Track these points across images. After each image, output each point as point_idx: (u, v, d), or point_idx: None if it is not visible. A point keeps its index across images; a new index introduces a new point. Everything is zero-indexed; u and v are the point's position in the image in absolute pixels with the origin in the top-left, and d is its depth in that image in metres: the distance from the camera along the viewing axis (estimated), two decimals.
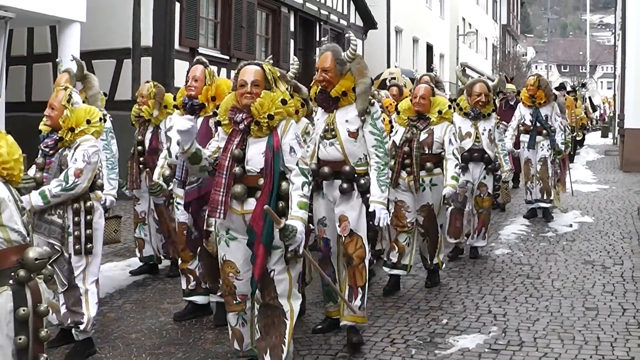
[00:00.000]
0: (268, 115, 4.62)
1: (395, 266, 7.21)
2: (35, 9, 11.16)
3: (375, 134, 5.56)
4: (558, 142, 10.98)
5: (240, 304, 4.90)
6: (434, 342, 5.80)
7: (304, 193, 4.61)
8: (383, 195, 5.52)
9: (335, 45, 5.75)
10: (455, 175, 7.03)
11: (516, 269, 8.15)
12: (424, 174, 7.12)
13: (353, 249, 5.58)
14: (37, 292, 3.37)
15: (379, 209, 5.48)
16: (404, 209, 7.16)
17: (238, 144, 4.68)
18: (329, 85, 5.56)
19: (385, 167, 5.56)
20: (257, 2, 18.00)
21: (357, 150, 5.60)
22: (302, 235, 4.51)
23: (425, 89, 7.21)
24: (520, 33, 72.10)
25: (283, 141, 4.65)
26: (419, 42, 33.54)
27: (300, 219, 4.53)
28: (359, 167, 5.60)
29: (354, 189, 5.59)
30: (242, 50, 17.05)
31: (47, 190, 5.19)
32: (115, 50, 14.54)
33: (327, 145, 5.63)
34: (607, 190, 14.81)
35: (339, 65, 5.53)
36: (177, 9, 14.84)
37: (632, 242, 9.43)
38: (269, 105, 4.63)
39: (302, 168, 4.66)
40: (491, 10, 51.40)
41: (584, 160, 22.16)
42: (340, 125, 5.58)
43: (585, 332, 5.96)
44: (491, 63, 49.89)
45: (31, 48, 15.48)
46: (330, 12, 22.45)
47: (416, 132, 7.14)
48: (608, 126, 35.56)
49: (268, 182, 4.56)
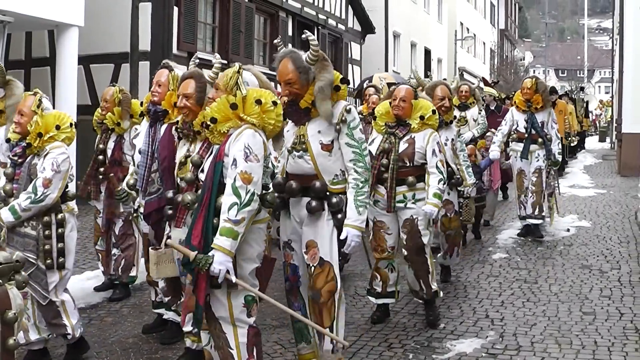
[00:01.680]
0: (211, 119, 4.20)
1: (381, 295, 6.50)
2: (34, 13, 11.15)
3: (353, 146, 4.76)
4: (555, 152, 10.03)
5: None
6: (432, 346, 5.80)
7: (229, 217, 3.94)
8: (360, 219, 4.73)
9: (292, 51, 4.84)
10: (438, 193, 6.16)
11: (514, 274, 8.15)
12: (405, 190, 6.23)
13: (322, 282, 4.76)
14: (5, 298, 3.27)
15: (352, 234, 4.70)
16: (384, 230, 6.34)
17: (203, 150, 4.54)
18: (297, 97, 4.76)
19: (365, 184, 4.77)
20: (255, 7, 18.04)
21: (332, 166, 4.80)
22: (223, 266, 3.92)
23: (407, 90, 6.33)
24: (518, 37, 72.23)
25: (230, 151, 4.09)
26: (417, 47, 33.59)
27: (218, 247, 3.92)
28: (336, 186, 4.81)
29: (324, 209, 4.79)
30: (240, 54, 17.06)
31: (17, 205, 4.99)
32: (113, 55, 14.56)
33: (296, 157, 4.85)
34: (604, 195, 14.82)
35: (302, 74, 4.70)
36: (175, 14, 14.87)
37: (630, 247, 9.43)
38: (216, 109, 4.20)
39: (235, 186, 3.98)
40: (489, 14, 51.47)
41: (582, 164, 22.20)
42: (311, 138, 4.78)
43: (582, 336, 5.96)
44: (489, 67, 49.95)
45: (29, 52, 15.50)
46: (328, 16, 22.48)
47: (395, 141, 6.29)
48: (605, 131, 35.64)
49: (206, 195, 4.09)
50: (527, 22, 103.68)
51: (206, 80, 5.06)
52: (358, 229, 4.72)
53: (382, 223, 6.33)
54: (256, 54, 18.40)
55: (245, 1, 17.58)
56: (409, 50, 32.64)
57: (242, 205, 3.97)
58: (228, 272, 3.95)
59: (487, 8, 50.85)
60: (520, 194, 10.25)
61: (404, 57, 31.47)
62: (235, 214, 3.95)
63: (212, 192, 4.06)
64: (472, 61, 44.75)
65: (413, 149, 6.22)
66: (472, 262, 8.74)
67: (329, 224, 4.78)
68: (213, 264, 3.91)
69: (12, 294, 3.27)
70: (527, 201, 10.09)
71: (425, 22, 35.08)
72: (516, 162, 10.24)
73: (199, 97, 5.03)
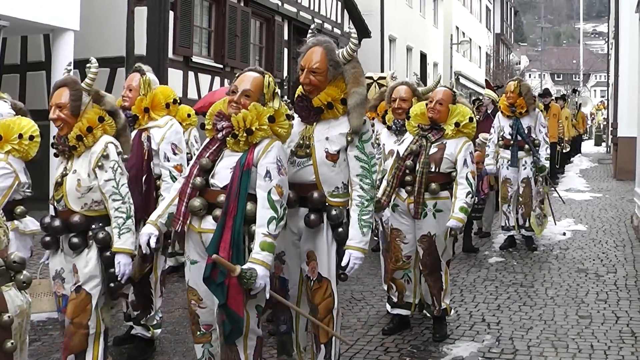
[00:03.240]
0: (246, 130, 4.02)
1: (396, 305, 6.22)
2: (29, 18, 11.14)
3: (363, 160, 4.44)
4: (542, 157, 9.48)
5: (205, 334, 4.30)
6: (428, 350, 5.79)
7: (269, 231, 3.90)
8: (364, 240, 4.43)
9: (328, 40, 4.55)
10: (464, 207, 5.72)
11: (510, 277, 8.15)
12: (428, 197, 5.83)
13: (320, 298, 4.54)
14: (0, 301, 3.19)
15: (354, 257, 4.41)
16: (400, 239, 5.99)
17: (212, 153, 4.18)
18: (315, 90, 4.46)
19: (370, 203, 4.44)
20: (252, 11, 18.04)
21: (334, 177, 4.48)
22: (264, 281, 3.88)
23: (445, 93, 6.00)
24: (514, 42, 72.35)
25: (260, 162, 4.00)
26: (413, 51, 33.61)
27: (261, 262, 3.86)
28: (334, 199, 4.50)
29: (323, 222, 4.50)
30: (236, 59, 17.06)
31: None
32: (109, 59, 14.51)
33: (297, 164, 4.52)
34: (600, 199, 14.84)
35: (331, 68, 4.44)
36: (171, 18, 14.86)
37: (626, 251, 9.44)
38: (251, 119, 4.03)
39: (272, 199, 3.93)
40: (485, 19, 51.54)
41: (578, 168, 22.24)
42: (317, 143, 4.47)
43: (578, 340, 5.96)
44: (485, 72, 50.00)
45: (25, 56, 15.47)
46: (324, 21, 22.49)
47: (425, 144, 5.92)
48: (601, 134, 35.68)
49: (232, 204, 3.95)
50: (523, 27, 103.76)
51: (82, 87, 4.56)
52: (361, 250, 4.43)
53: (398, 232, 6.00)
54: (252, 58, 18.38)
55: (241, 5, 17.59)
56: (405, 55, 32.68)
57: (279, 219, 3.95)
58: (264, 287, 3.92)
59: (483, 12, 50.93)
60: (504, 203, 9.71)
61: (400, 61, 31.49)
62: (275, 228, 3.93)
63: (240, 201, 3.95)
64: (468, 65, 44.79)
65: (442, 155, 5.87)
66: (468, 266, 8.74)
67: (329, 238, 4.52)
68: (257, 279, 3.84)
69: (8, 296, 3.23)
70: (511, 212, 9.63)
71: (421, 27, 35.11)
72: (502, 170, 9.66)
73: (74, 107, 4.51)
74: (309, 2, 21.63)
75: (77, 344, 4.41)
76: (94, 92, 4.63)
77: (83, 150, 4.49)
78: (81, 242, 4.46)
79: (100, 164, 4.43)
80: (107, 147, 4.48)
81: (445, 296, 6.05)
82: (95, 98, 4.63)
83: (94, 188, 4.45)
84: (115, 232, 4.43)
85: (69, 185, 4.46)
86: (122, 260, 4.41)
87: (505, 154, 9.61)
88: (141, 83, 5.74)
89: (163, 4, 14.60)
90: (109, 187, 4.43)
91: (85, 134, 4.44)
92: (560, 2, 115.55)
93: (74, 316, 4.39)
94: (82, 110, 4.53)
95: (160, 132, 5.63)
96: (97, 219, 4.50)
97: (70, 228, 4.47)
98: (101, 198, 4.47)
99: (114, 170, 4.45)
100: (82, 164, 4.48)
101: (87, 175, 4.44)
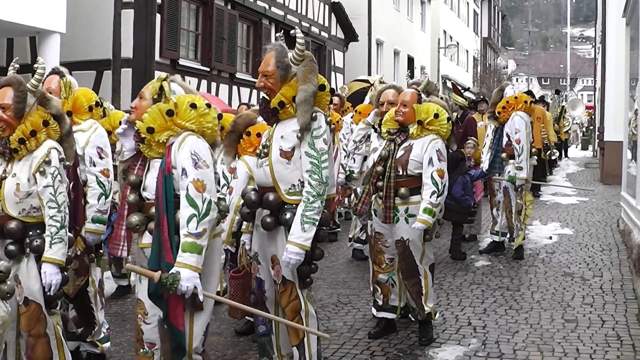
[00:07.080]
0: (147, 129, 3.91)
1: (382, 308, 6.20)
2: (15, 20, 11.12)
3: (312, 156, 4.44)
4: (511, 166, 9.08)
5: (147, 354, 4.08)
6: (414, 354, 5.78)
7: (189, 231, 3.72)
8: (304, 236, 4.36)
9: (280, 45, 4.65)
10: (428, 207, 5.59)
11: (496, 281, 8.15)
12: (399, 202, 5.77)
13: (286, 301, 4.57)
14: None
15: (291, 252, 4.37)
16: (382, 242, 5.99)
17: (139, 168, 4.08)
18: (271, 92, 4.58)
19: (316, 199, 4.40)
20: (239, 14, 18.05)
21: (289, 175, 4.51)
22: (191, 283, 3.70)
23: (409, 95, 5.97)
24: (502, 46, 72.65)
25: (177, 161, 3.85)
26: (400, 55, 33.70)
27: (183, 265, 3.70)
28: (292, 196, 4.51)
29: (279, 224, 4.54)
30: (223, 62, 17.07)
31: None
32: (96, 62, 14.53)
33: (259, 164, 4.65)
34: (587, 203, 14.87)
35: (280, 70, 4.54)
36: (158, 21, 14.86)
37: (612, 255, 9.46)
38: (151, 118, 3.92)
39: (190, 196, 3.76)
40: (472, 23, 51.72)
41: (564, 172, 22.30)
42: (274, 142, 4.56)
43: (564, 344, 5.96)
44: (472, 76, 50.17)
45: (11, 59, 15.25)
46: (311, 24, 22.53)
47: (393, 148, 5.90)
48: (588, 139, 35.75)
49: (161, 212, 3.80)
50: (511, 31, 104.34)
51: (26, 88, 4.39)
52: (299, 246, 4.37)
53: (380, 235, 6.00)
54: (239, 61, 18.40)
55: (229, 8, 17.59)
56: (392, 58, 32.75)
57: (201, 216, 3.75)
58: (195, 289, 3.75)
59: (471, 16, 51.12)
60: (493, 207, 9.76)
61: (387, 65, 31.57)
62: (196, 226, 3.73)
63: (169, 209, 3.80)
64: (455, 69, 44.92)
65: (407, 157, 5.79)
66: (454, 270, 8.74)
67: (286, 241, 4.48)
68: (180, 282, 3.67)
69: None
70: (499, 217, 9.58)
71: (409, 30, 35.21)
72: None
73: (18, 109, 4.33)
74: (297, 6, 21.67)
75: (41, 354, 4.30)
76: (40, 93, 4.46)
77: (25, 154, 4.32)
78: (17, 251, 4.30)
79: (41, 169, 4.25)
80: (50, 153, 4.31)
81: (427, 300, 5.99)
82: (41, 100, 4.44)
83: (33, 194, 4.27)
84: (47, 241, 4.21)
85: (7, 189, 4.29)
86: (48, 270, 4.19)
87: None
88: (61, 85, 5.53)
89: (150, 7, 14.60)
90: (47, 194, 4.23)
91: (28, 137, 4.28)
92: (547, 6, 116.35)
93: (30, 328, 4.28)
94: (27, 112, 4.36)
95: (84, 136, 5.47)
96: (35, 225, 4.32)
97: (6, 234, 4.30)
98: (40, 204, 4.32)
99: (53, 177, 4.26)
100: (23, 167, 4.31)
101: (27, 180, 4.27)
